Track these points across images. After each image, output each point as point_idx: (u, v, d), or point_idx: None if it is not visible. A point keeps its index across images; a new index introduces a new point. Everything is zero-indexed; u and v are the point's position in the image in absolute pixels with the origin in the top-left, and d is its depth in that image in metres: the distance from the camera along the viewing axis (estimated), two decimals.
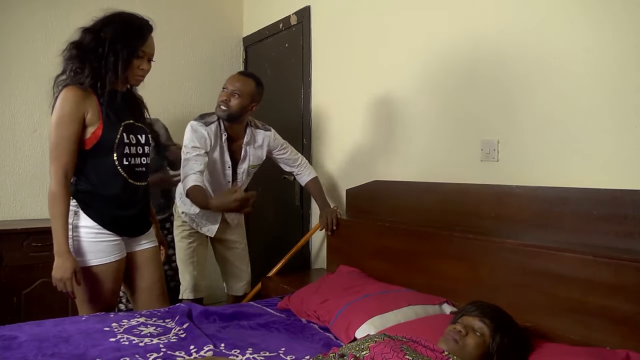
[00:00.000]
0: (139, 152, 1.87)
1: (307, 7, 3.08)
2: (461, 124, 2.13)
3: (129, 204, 1.87)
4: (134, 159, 1.85)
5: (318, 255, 3.02)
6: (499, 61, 1.96)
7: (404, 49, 2.41)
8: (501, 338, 1.37)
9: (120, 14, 1.79)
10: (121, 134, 1.80)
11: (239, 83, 2.28)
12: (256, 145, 2.44)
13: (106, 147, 1.79)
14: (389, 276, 2.16)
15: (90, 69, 1.73)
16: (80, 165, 1.79)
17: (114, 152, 1.79)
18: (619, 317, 1.42)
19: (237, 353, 1.53)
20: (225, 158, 2.37)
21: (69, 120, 1.73)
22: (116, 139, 1.79)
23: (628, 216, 1.51)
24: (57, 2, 3.14)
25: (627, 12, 1.57)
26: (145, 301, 1.99)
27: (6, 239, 2.67)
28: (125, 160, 1.82)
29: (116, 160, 1.80)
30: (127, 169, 1.83)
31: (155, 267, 1.99)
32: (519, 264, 1.68)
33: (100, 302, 1.86)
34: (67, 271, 1.71)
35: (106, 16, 1.78)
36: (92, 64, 1.73)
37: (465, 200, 2.01)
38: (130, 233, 1.92)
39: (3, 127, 3.04)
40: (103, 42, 1.73)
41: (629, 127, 1.57)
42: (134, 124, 1.87)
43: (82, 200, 1.81)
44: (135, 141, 1.85)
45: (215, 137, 2.31)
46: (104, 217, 1.81)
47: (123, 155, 1.81)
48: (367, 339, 1.38)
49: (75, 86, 1.74)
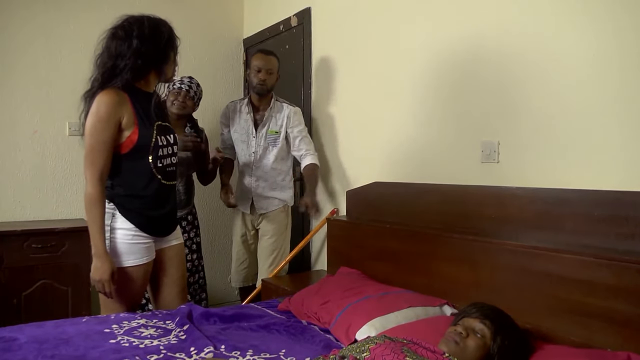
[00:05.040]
0: (169, 152, 1.92)
1: (308, 8, 3.09)
2: (461, 126, 2.13)
3: (163, 203, 1.92)
4: (166, 160, 1.90)
5: (318, 257, 3.01)
6: (499, 63, 1.96)
7: (404, 50, 2.41)
8: (502, 340, 1.37)
9: (148, 17, 1.84)
10: (155, 136, 1.84)
11: (270, 62, 2.66)
12: (278, 115, 2.71)
13: (142, 150, 1.82)
14: (390, 278, 2.16)
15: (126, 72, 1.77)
16: (116, 168, 1.81)
17: (150, 155, 1.83)
18: (619, 319, 1.42)
19: (237, 355, 1.53)
20: (250, 130, 2.70)
21: (106, 125, 1.75)
22: (151, 142, 1.83)
23: (629, 217, 1.50)
24: (58, 4, 3.14)
25: (627, 13, 1.57)
26: (165, 297, 2.04)
27: (6, 241, 2.67)
28: (159, 162, 1.87)
29: (151, 162, 1.84)
30: (161, 170, 1.88)
31: (178, 264, 2.04)
32: (520, 265, 1.68)
33: (127, 302, 1.90)
34: (106, 273, 1.74)
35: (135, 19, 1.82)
36: (129, 66, 1.77)
37: (466, 201, 2.01)
38: (162, 233, 1.97)
39: (3, 128, 3.04)
40: (143, 44, 1.77)
41: (629, 128, 1.57)
42: (162, 124, 1.91)
43: (120, 203, 1.83)
44: (166, 142, 1.90)
45: (237, 110, 2.75)
46: (141, 218, 1.85)
47: (157, 158, 1.86)
48: (367, 340, 1.38)
49: (111, 90, 1.76)
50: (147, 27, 1.80)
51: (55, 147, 3.17)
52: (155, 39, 1.80)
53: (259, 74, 2.62)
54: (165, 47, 1.84)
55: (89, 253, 1.77)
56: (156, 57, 1.82)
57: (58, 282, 2.72)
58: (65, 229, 2.80)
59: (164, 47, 1.83)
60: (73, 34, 3.19)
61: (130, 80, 1.78)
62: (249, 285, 2.85)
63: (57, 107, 3.15)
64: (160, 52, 1.82)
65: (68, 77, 3.16)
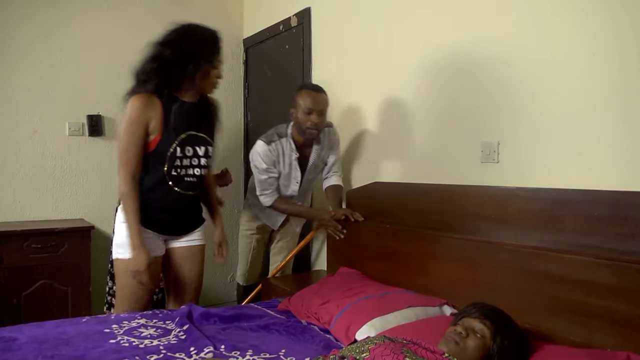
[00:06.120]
0: (194, 163, 1.94)
1: (308, 8, 3.08)
2: (461, 126, 2.13)
3: (171, 208, 1.96)
4: (185, 170, 1.93)
5: (318, 257, 3.01)
6: (499, 62, 1.96)
7: (404, 50, 2.41)
8: (502, 340, 1.36)
9: (195, 27, 1.87)
10: (175, 147, 1.87)
11: (322, 102, 2.32)
12: (321, 146, 2.48)
13: (158, 157, 1.88)
14: (389, 278, 2.16)
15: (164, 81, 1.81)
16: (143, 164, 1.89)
17: (165, 163, 1.88)
18: (619, 319, 1.42)
19: (237, 355, 1.53)
20: (293, 174, 2.47)
21: (135, 127, 1.83)
22: (168, 152, 1.87)
23: (629, 218, 1.50)
24: (57, 3, 3.14)
25: (627, 13, 1.57)
26: (177, 295, 2.08)
27: (6, 241, 2.67)
28: (175, 171, 1.90)
29: (166, 170, 1.89)
30: (175, 178, 1.92)
31: (192, 265, 2.07)
32: (520, 265, 1.68)
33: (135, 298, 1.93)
34: (142, 263, 1.83)
35: (181, 29, 1.85)
36: (169, 75, 1.81)
37: (466, 201, 2.01)
38: (171, 232, 2.01)
39: (3, 128, 3.04)
40: (184, 55, 1.80)
41: (629, 128, 1.57)
42: (196, 134, 1.93)
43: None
44: (192, 153, 1.92)
45: (282, 154, 2.41)
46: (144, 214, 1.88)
47: (173, 167, 1.90)
48: (367, 340, 1.38)
49: (142, 94, 1.82)
50: (180, 35, 1.82)
51: (55, 147, 3.17)
52: (183, 47, 1.80)
53: (309, 115, 2.27)
54: (195, 57, 1.81)
55: (89, 253, 1.78)
56: (183, 66, 1.81)
57: (58, 282, 2.72)
58: (65, 229, 2.80)
59: (194, 57, 1.81)
60: (73, 33, 3.19)
61: (161, 87, 1.81)
62: (254, 282, 2.84)
63: (57, 107, 3.15)
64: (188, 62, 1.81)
65: (68, 77, 3.17)
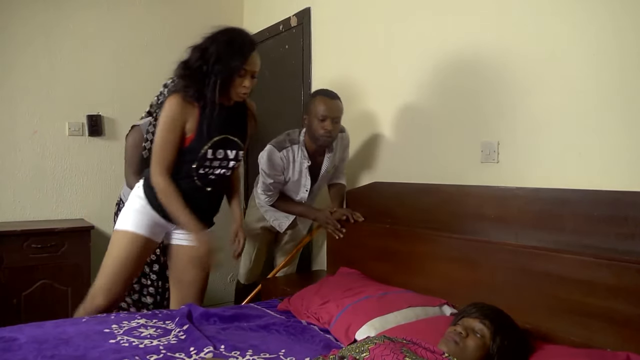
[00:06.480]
0: (222, 165, 1.97)
1: (308, 8, 3.08)
2: (461, 126, 2.13)
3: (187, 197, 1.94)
4: (212, 170, 1.95)
5: (318, 257, 3.01)
6: (499, 62, 1.96)
7: (404, 50, 2.41)
8: (502, 340, 1.36)
9: (225, 32, 1.85)
10: (206, 150, 1.90)
11: (337, 109, 2.29)
12: (334, 153, 2.46)
13: (189, 155, 1.90)
14: (389, 278, 2.16)
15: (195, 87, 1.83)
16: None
17: (195, 162, 1.91)
18: (619, 319, 1.42)
19: (237, 355, 1.53)
20: (303, 181, 2.44)
21: (171, 126, 1.86)
22: (199, 153, 1.89)
23: (628, 218, 1.50)
24: (57, 3, 3.14)
25: (627, 13, 1.57)
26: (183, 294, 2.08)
27: (6, 241, 2.67)
28: (202, 170, 1.93)
29: (194, 168, 1.92)
30: (200, 175, 1.94)
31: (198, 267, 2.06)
32: (519, 265, 1.68)
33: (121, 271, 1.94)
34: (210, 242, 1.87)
35: (213, 34, 1.84)
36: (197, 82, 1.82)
37: (466, 201, 2.01)
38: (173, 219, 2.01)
39: (3, 128, 3.04)
40: (207, 62, 1.80)
41: (629, 128, 1.57)
42: (228, 138, 1.94)
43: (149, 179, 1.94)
44: (223, 155, 1.95)
45: (292, 161, 2.38)
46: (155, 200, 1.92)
47: (201, 166, 1.92)
48: (367, 340, 1.38)
49: (179, 94, 1.84)
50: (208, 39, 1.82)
51: (55, 147, 3.17)
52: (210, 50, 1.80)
53: (323, 122, 2.24)
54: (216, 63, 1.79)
55: (89, 253, 1.78)
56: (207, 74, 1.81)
57: (58, 282, 2.72)
58: (65, 229, 2.80)
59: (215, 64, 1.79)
60: (73, 33, 3.19)
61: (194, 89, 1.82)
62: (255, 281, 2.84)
63: (57, 107, 3.15)
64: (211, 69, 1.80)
65: (68, 77, 3.17)
